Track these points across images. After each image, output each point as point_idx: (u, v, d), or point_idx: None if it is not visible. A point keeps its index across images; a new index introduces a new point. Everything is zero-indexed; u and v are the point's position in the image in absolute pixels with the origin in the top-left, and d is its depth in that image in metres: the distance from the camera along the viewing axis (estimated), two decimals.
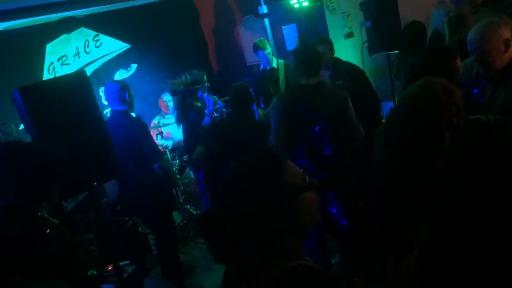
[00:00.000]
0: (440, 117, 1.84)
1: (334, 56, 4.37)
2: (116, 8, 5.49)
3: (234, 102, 3.63)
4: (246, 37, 6.43)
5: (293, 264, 1.17)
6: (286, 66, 5.11)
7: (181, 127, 4.54)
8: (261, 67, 5.30)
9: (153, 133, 4.75)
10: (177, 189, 4.97)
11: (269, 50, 5.06)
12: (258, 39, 5.21)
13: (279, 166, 1.23)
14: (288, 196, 1.20)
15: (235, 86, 3.66)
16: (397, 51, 4.90)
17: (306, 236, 1.31)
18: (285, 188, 1.20)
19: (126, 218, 4.57)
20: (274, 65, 5.16)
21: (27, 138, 3.35)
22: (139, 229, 4.43)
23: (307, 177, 1.25)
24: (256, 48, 5.09)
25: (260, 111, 5.20)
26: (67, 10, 4.69)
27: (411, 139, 1.86)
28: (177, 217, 5.03)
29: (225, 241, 1.25)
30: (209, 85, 4.45)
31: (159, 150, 3.87)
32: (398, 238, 1.69)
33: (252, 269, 1.19)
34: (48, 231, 2.09)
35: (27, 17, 4.34)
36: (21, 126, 3.87)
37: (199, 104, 4.40)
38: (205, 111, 4.30)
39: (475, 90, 2.70)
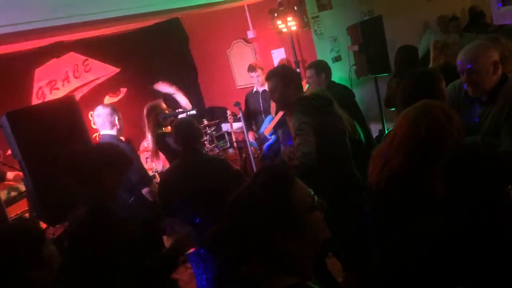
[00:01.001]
0: (441, 143, 1.84)
1: (331, 80, 4.38)
2: (105, 32, 5.52)
3: (181, 141, 3.28)
4: (235, 61, 6.50)
5: (287, 283, 1.18)
6: None
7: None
8: (254, 89, 5.37)
9: (143, 156, 4.72)
10: None
11: (259, 72, 5.13)
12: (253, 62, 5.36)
13: (289, 185, 1.24)
14: (297, 215, 1.21)
15: (180, 124, 3.35)
16: (385, 74, 4.98)
17: (313, 256, 1.31)
18: (295, 206, 1.21)
19: None
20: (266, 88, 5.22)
21: (14, 163, 3.31)
22: None
23: (316, 197, 1.26)
24: (248, 69, 5.22)
25: (251, 135, 5.22)
26: (57, 35, 4.70)
27: (411, 162, 1.86)
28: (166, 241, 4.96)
29: (232, 256, 1.25)
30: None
31: (148, 175, 3.84)
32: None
33: (254, 283, 1.20)
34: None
35: (16, 41, 4.34)
36: (9, 151, 3.82)
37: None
38: None
39: (464, 111, 2.73)
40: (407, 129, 1.91)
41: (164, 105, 4.34)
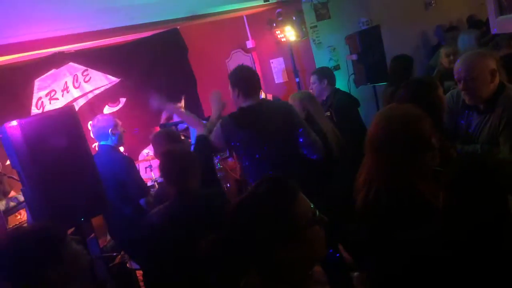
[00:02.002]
0: (415, 134, 1.82)
1: (336, 87, 4.40)
2: (105, 43, 5.54)
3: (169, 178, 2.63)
4: None
5: None
6: (274, 100, 5.17)
7: None
8: None
9: (142, 166, 4.72)
10: None
11: None
12: None
13: (292, 198, 1.23)
14: (298, 229, 1.19)
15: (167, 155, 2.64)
16: (383, 83, 4.99)
17: (311, 270, 1.30)
18: (296, 220, 1.20)
19: (114, 254, 4.48)
20: None
21: (13, 174, 3.30)
22: (128, 264, 4.34)
23: (317, 212, 1.25)
24: None
25: None
26: (57, 46, 4.73)
27: (392, 162, 1.84)
28: None
29: (231, 265, 1.24)
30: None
31: (145, 185, 3.83)
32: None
33: None
34: None
35: (16, 53, 4.36)
36: (8, 162, 3.82)
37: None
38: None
39: (462, 119, 2.74)
40: (380, 131, 1.90)
41: None
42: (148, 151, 5.40)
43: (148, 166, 5.10)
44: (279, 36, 5.77)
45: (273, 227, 1.19)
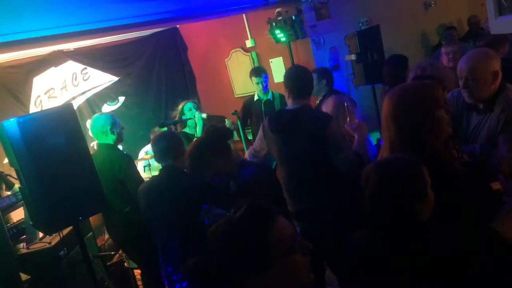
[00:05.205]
0: (428, 97, 1.92)
1: (334, 88, 4.41)
2: (104, 42, 5.54)
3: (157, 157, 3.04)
4: (233, 70, 6.51)
5: None
6: (282, 98, 5.19)
7: None
8: (256, 97, 5.35)
9: (140, 165, 4.71)
10: None
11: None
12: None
13: (269, 224, 1.16)
14: (273, 258, 1.13)
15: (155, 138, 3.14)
16: (382, 83, 4.99)
17: None
18: (271, 248, 1.13)
19: (112, 252, 4.48)
20: (270, 97, 5.26)
21: (12, 172, 3.30)
22: (125, 263, 4.34)
23: (298, 239, 1.18)
24: (254, 74, 5.25)
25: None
26: (55, 44, 4.72)
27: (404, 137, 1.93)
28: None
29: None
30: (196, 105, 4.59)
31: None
32: None
33: None
34: None
35: (15, 50, 4.35)
36: (6, 160, 3.82)
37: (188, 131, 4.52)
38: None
39: (462, 119, 2.74)
40: (390, 108, 2.00)
41: None
42: (147, 150, 5.39)
43: (147, 165, 5.09)
44: (278, 36, 5.76)
45: (245, 255, 1.13)
